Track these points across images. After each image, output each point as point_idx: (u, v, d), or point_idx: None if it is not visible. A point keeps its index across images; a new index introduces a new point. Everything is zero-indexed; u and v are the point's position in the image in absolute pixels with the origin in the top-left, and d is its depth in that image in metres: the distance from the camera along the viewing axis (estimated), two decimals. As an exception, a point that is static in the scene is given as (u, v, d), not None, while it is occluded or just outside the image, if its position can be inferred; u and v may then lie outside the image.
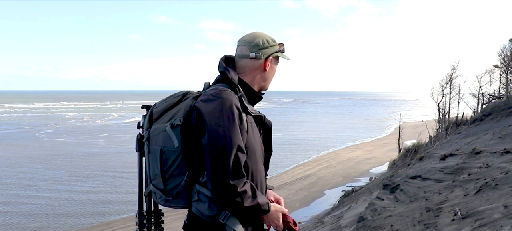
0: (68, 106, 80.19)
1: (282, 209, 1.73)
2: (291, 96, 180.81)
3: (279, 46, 1.78)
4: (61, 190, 15.67)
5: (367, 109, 77.29)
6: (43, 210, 13.40)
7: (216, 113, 1.51)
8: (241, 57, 1.73)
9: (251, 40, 1.73)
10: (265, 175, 1.77)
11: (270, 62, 1.75)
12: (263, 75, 1.76)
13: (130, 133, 34.21)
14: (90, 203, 14.18)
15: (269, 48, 1.74)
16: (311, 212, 12.93)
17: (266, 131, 1.77)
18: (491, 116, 13.86)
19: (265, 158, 1.77)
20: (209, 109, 1.52)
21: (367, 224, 5.07)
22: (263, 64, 1.73)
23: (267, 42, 1.73)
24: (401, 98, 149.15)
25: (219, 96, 1.54)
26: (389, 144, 25.79)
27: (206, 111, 1.52)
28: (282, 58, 1.84)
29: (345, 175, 18.34)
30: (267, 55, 1.73)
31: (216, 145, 1.47)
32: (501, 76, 26.64)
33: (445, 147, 10.27)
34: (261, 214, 1.63)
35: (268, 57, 1.73)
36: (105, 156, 23.02)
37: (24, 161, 21.17)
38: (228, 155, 1.46)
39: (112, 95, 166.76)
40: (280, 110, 68.90)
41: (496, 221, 3.24)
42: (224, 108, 1.51)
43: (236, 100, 1.56)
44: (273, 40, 1.76)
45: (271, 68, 1.77)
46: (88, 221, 12.48)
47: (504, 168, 5.07)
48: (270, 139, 1.79)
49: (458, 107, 26.16)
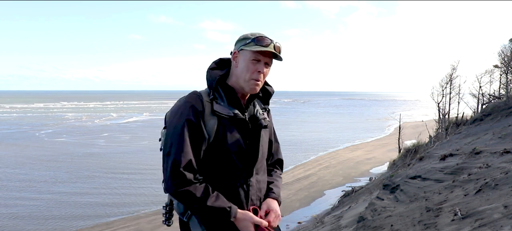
0: (68, 106, 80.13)
1: (253, 219, 1.62)
2: (291, 96, 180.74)
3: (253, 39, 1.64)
4: (61, 191, 15.64)
5: (367, 109, 77.24)
6: (42, 211, 13.36)
7: (169, 119, 1.67)
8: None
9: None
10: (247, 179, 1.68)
11: (238, 56, 1.68)
12: (235, 72, 1.70)
13: (130, 133, 34.20)
14: (89, 203, 14.15)
15: (238, 43, 1.69)
16: (311, 212, 12.92)
17: (251, 133, 1.70)
18: (491, 116, 13.85)
19: (249, 162, 1.69)
20: (167, 115, 1.72)
21: (367, 224, 5.06)
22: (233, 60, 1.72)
23: (241, 38, 1.68)
24: (402, 99, 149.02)
25: (177, 103, 1.68)
26: (389, 144, 25.77)
27: (166, 118, 1.72)
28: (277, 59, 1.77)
29: (345, 175, 18.32)
30: (235, 50, 1.71)
31: (163, 148, 1.65)
32: (501, 76, 26.63)
33: (445, 147, 10.26)
34: (223, 219, 1.59)
35: (234, 51, 1.71)
36: (105, 156, 23.00)
37: (24, 161, 21.15)
38: (167, 157, 1.58)
39: (112, 95, 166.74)
40: (280, 111, 68.87)
41: (496, 221, 3.23)
42: (174, 114, 1.64)
43: (194, 105, 1.61)
44: (251, 34, 1.67)
45: (240, 63, 1.67)
46: (87, 222, 12.46)
47: (504, 168, 5.07)
48: (256, 142, 1.71)
49: (458, 108, 26.15)
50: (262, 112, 1.79)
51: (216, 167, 1.64)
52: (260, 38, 1.63)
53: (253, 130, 1.71)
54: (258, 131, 1.72)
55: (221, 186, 1.63)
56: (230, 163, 1.63)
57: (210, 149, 1.62)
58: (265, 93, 1.80)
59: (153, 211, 12.92)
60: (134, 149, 25.57)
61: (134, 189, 15.85)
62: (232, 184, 1.65)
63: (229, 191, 1.64)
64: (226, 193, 1.62)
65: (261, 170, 1.78)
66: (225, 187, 1.63)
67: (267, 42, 1.63)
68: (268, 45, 1.63)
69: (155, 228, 11.41)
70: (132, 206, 13.70)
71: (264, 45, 1.62)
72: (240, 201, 1.66)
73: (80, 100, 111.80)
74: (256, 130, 1.71)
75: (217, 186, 1.62)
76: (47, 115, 56.23)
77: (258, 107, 1.77)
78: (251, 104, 1.75)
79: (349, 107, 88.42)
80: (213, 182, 1.63)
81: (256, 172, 1.73)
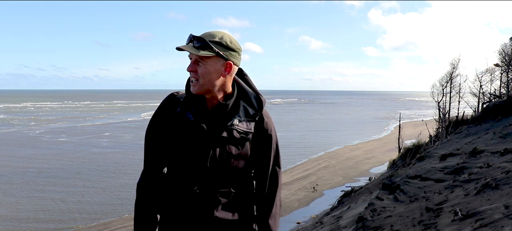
0: (68, 106, 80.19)
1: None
2: (296, 96, 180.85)
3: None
4: (60, 190, 15.63)
5: (368, 110, 77.29)
6: (37, 211, 13.32)
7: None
8: None
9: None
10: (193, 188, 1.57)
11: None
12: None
13: (130, 133, 34.20)
14: (86, 203, 14.13)
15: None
16: (310, 212, 12.89)
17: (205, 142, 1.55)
18: (491, 115, 13.80)
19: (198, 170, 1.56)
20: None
21: (367, 225, 5.02)
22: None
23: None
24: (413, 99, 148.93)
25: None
26: (389, 144, 25.75)
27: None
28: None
29: (344, 175, 18.30)
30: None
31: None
32: (502, 75, 26.58)
33: (445, 147, 10.21)
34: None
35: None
36: (105, 156, 23.00)
37: (23, 161, 21.13)
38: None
39: (112, 95, 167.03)
40: (280, 110, 68.93)
41: (497, 221, 3.19)
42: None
43: (161, 107, 1.65)
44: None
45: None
46: (85, 221, 12.42)
47: (505, 167, 5.02)
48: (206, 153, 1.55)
49: (459, 107, 26.10)
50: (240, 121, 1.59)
51: (173, 168, 1.64)
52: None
53: (209, 137, 1.56)
54: (216, 140, 1.56)
55: (175, 187, 1.62)
56: (181, 167, 1.60)
57: (170, 150, 1.61)
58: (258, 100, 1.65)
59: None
60: (134, 148, 25.54)
61: (131, 189, 15.79)
62: (183, 188, 1.60)
63: (180, 194, 1.62)
64: (175, 198, 1.63)
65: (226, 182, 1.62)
66: (178, 190, 1.62)
67: (187, 40, 1.55)
68: (187, 43, 1.54)
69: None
70: (130, 206, 13.63)
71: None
72: (184, 209, 1.61)
73: (79, 100, 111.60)
74: (215, 138, 1.56)
75: (173, 186, 1.63)
76: (47, 115, 56.12)
77: (238, 118, 1.58)
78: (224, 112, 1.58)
79: (349, 107, 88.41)
80: (171, 182, 1.64)
81: (212, 183, 1.59)
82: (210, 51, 1.51)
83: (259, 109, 1.64)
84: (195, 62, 1.54)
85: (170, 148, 1.60)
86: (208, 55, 1.52)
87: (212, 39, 1.53)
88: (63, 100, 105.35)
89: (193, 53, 1.52)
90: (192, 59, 1.55)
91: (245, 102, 1.63)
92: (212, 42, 1.52)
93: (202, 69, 1.53)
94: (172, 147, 1.59)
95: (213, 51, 1.51)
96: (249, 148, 1.63)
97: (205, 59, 1.53)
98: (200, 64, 1.53)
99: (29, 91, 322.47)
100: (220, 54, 1.53)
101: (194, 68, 1.54)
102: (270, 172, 1.71)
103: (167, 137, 1.60)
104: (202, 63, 1.53)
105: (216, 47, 1.52)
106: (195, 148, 1.56)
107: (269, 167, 1.71)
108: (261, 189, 1.72)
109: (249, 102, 1.63)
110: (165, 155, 1.63)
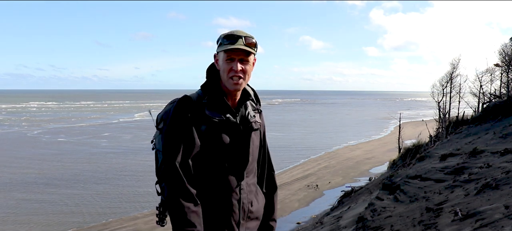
0: (67, 106, 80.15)
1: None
2: (296, 96, 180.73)
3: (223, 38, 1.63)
4: (59, 191, 15.62)
5: (368, 110, 77.28)
6: (38, 212, 13.31)
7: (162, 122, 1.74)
8: None
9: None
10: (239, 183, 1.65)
11: (218, 59, 1.66)
12: (220, 74, 1.68)
13: (130, 133, 34.16)
14: (85, 204, 14.11)
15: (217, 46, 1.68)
16: (310, 212, 12.88)
17: (241, 137, 1.65)
18: (491, 115, 13.79)
19: (240, 165, 1.65)
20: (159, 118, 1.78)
21: (367, 225, 5.01)
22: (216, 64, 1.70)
23: (217, 39, 1.67)
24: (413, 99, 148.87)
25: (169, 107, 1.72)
26: (389, 144, 25.73)
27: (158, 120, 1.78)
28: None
29: (344, 175, 18.29)
30: (215, 53, 1.69)
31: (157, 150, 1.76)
32: (502, 75, 26.55)
33: (445, 147, 10.20)
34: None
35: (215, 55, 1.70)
36: (104, 156, 22.98)
37: (23, 162, 21.12)
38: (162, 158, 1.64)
39: (112, 95, 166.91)
40: (280, 110, 68.93)
41: (497, 222, 3.19)
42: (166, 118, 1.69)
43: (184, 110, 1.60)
44: (223, 34, 1.65)
45: (220, 64, 1.65)
46: (84, 222, 12.41)
47: (505, 167, 5.01)
48: (246, 146, 1.66)
49: (459, 107, 26.08)
50: (254, 114, 1.73)
51: (208, 171, 1.63)
52: (228, 36, 1.60)
53: (243, 133, 1.66)
54: (248, 134, 1.67)
55: (213, 190, 1.62)
56: (221, 167, 1.62)
57: (201, 154, 1.60)
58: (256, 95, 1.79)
59: (150, 211, 12.87)
60: (134, 149, 25.53)
61: (130, 188, 15.81)
62: (224, 188, 1.63)
63: (221, 195, 1.63)
64: (218, 197, 1.62)
65: (251, 173, 1.74)
66: (217, 191, 1.63)
67: (235, 39, 1.59)
68: (236, 42, 1.59)
69: (152, 228, 11.37)
70: (129, 206, 13.65)
71: (232, 43, 1.59)
72: (231, 205, 1.64)
73: (79, 100, 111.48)
74: (246, 133, 1.67)
75: (209, 190, 1.62)
76: (47, 114, 56.10)
77: (250, 109, 1.72)
78: (242, 106, 1.70)
79: (349, 107, 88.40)
80: (206, 186, 1.62)
81: (247, 175, 1.69)
82: (256, 50, 1.65)
83: (259, 103, 1.78)
84: (242, 61, 1.61)
85: (207, 151, 1.59)
86: (255, 54, 1.66)
87: (255, 38, 1.64)
88: (62, 101, 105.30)
89: (254, 53, 1.64)
90: (242, 59, 1.60)
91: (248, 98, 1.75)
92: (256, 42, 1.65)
93: (249, 68, 1.63)
94: (208, 149, 1.59)
95: (256, 51, 1.65)
96: (261, 138, 1.78)
97: (250, 58, 1.64)
98: (247, 64, 1.62)
99: (28, 91, 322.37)
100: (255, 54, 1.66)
101: (242, 67, 1.61)
102: (267, 157, 1.87)
103: (201, 140, 1.59)
104: (247, 63, 1.63)
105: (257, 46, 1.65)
106: (236, 145, 1.63)
107: (266, 152, 1.86)
108: (262, 172, 1.85)
109: (251, 98, 1.76)
110: (198, 159, 1.61)
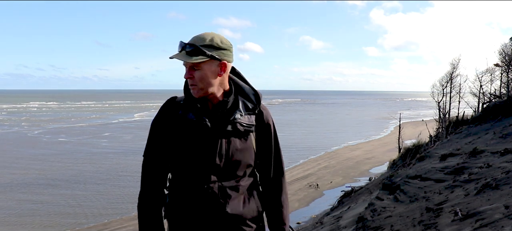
0: (67, 106, 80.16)
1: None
2: (296, 96, 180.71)
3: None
4: (60, 191, 15.63)
5: (368, 110, 77.27)
6: (39, 212, 13.32)
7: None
8: None
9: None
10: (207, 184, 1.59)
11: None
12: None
13: (130, 133, 34.15)
14: (85, 204, 14.11)
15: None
16: (310, 212, 12.89)
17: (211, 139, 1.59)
18: (491, 115, 13.79)
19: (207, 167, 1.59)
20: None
21: (367, 225, 5.01)
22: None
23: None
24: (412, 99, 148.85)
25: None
26: (389, 144, 25.74)
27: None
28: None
29: (344, 175, 18.30)
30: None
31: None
32: (502, 75, 26.55)
33: (445, 147, 10.20)
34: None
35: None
36: (104, 156, 23.00)
37: (23, 162, 21.13)
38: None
39: (112, 95, 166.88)
40: (280, 110, 68.93)
41: (497, 222, 3.19)
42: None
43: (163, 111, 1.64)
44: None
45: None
46: (85, 222, 12.42)
47: (505, 167, 5.01)
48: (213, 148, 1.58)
49: (459, 107, 26.08)
50: (241, 115, 1.63)
51: (180, 171, 1.64)
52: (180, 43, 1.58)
53: (213, 134, 1.59)
54: (219, 136, 1.60)
55: (184, 189, 1.63)
56: (190, 168, 1.61)
57: (174, 155, 1.61)
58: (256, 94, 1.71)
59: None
60: (133, 149, 25.54)
61: (130, 189, 15.81)
62: (192, 188, 1.62)
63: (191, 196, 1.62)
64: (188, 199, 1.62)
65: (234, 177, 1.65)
66: (187, 191, 1.63)
67: (179, 47, 1.56)
68: (179, 52, 1.56)
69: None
70: (130, 206, 13.65)
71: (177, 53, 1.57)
72: (200, 207, 1.62)
73: (79, 100, 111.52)
74: (218, 134, 1.60)
75: (181, 189, 1.64)
76: (46, 114, 56.14)
77: (239, 112, 1.63)
78: (225, 108, 1.62)
79: (349, 106, 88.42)
80: (179, 185, 1.64)
81: (225, 178, 1.63)
82: (204, 56, 1.52)
83: (257, 103, 1.70)
84: (190, 68, 1.55)
85: (175, 151, 1.61)
86: (203, 61, 1.53)
87: (203, 43, 1.53)
88: (63, 101, 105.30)
89: (187, 61, 1.54)
90: (187, 66, 1.56)
91: (243, 97, 1.68)
92: (204, 46, 1.52)
93: (198, 75, 1.54)
94: (178, 149, 1.60)
95: (206, 56, 1.52)
96: (253, 140, 1.69)
97: (200, 64, 1.54)
98: (196, 70, 1.54)
99: (28, 91, 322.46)
100: (214, 57, 1.54)
101: (191, 75, 1.55)
102: (273, 160, 1.77)
103: (171, 140, 1.61)
104: (197, 69, 1.54)
105: (208, 50, 1.53)
106: (202, 146, 1.58)
107: (272, 155, 1.77)
108: (266, 177, 1.78)
109: (247, 97, 1.69)
110: (170, 159, 1.63)
